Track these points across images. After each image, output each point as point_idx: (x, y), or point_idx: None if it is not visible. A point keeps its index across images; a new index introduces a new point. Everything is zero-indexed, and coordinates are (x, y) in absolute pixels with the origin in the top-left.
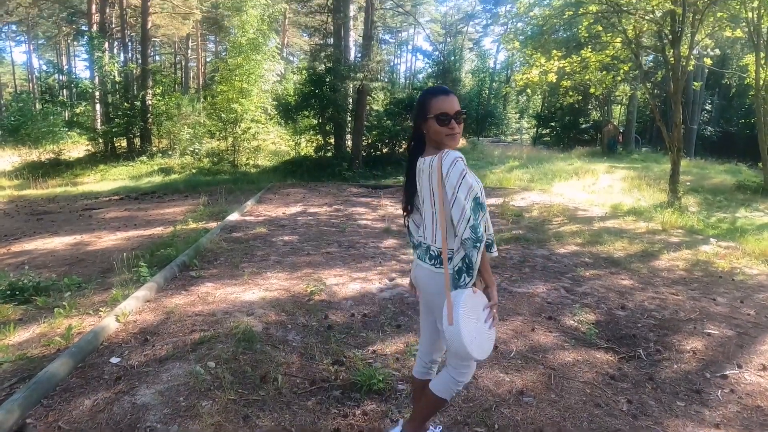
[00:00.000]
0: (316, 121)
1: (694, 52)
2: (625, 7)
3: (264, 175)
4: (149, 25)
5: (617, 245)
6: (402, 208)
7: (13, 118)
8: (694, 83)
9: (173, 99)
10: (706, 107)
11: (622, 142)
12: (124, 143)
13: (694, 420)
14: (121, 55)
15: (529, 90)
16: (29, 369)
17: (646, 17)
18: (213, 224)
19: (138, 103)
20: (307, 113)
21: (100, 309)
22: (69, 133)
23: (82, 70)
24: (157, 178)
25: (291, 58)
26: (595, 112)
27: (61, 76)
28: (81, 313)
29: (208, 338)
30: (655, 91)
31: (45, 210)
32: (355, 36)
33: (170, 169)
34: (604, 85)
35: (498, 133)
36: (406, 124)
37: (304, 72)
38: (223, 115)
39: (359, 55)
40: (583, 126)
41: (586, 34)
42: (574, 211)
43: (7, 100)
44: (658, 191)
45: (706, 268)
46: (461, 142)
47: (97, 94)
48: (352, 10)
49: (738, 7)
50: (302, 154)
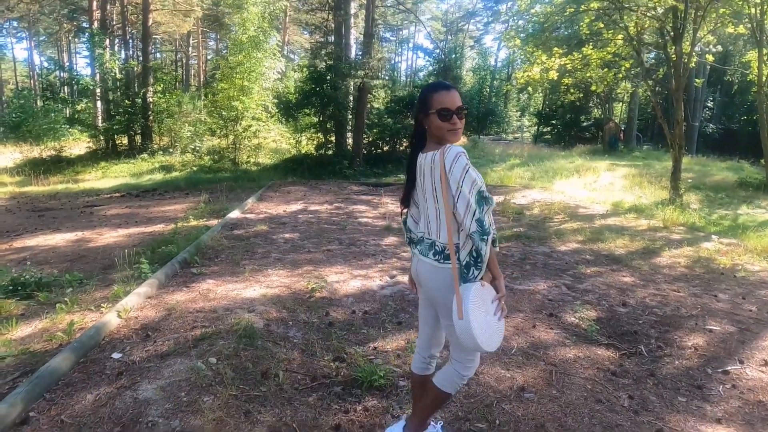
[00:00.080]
0: (316, 119)
1: (696, 48)
2: (627, 4)
3: (265, 173)
4: (150, 22)
5: (618, 242)
6: (400, 201)
7: (14, 115)
8: (696, 80)
9: (174, 96)
10: (708, 104)
11: (623, 140)
12: (125, 140)
13: (696, 415)
14: (122, 53)
15: (530, 88)
16: (32, 363)
17: (648, 14)
18: (214, 222)
19: (139, 101)
20: (307, 111)
21: (102, 305)
22: (70, 130)
23: (83, 67)
24: (158, 176)
25: (292, 56)
26: (596, 110)
27: (62, 73)
28: (83, 308)
29: (210, 334)
30: (657, 89)
31: (46, 207)
32: (356, 34)
33: (171, 167)
34: (606, 83)
35: (499, 131)
36: (407, 122)
37: (305, 70)
38: (224, 113)
39: (360, 53)
40: (585, 124)
41: (588, 31)
42: (575, 208)
43: (9, 97)
44: (659, 188)
45: (708, 265)
46: (462, 140)
47: (98, 91)
48: (353, 7)
49: (740, 4)
50: (303, 152)
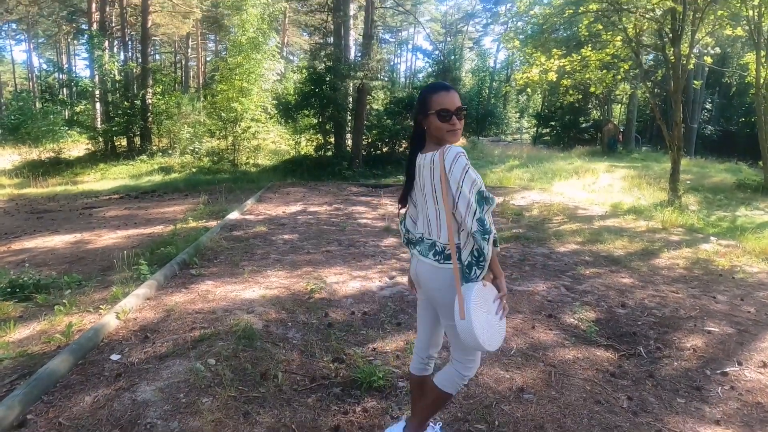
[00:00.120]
0: (316, 120)
1: (695, 50)
2: (626, 6)
3: (264, 174)
4: (149, 23)
5: (617, 244)
6: (398, 200)
7: (13, 117)
8: (695, 82)
9: (173, 98)
10: (707, 106)
11: (622, 141)
12: (124, 142)
13: (695, 416)
14: (121, 54)
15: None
16: (29, 366)
17: (647, 15)
18: (213, 223)
19: (138, 102)
20: (307, 112)
21: (101, 306)
22: (69, 131)
23: (82, 68)
24: (157, 177)
25: (291, 57)
26: (595, 112)
27: (61, 75)
28: (81, 310)
29: (209, 336)
30: (656, 90)
31: (45, 208)
32: (355, 35)
33: (170, 168)
34: (605, 84)
35: (498, 133)
36: (406, 124)
37: (304, 71)
38: (223, 114)
39: (359, 54)
40: (584, 125)
41: (587, 33)
42: (574, 209)
43: (7, 99)
44: (658, 190)
45: (707, 267)
46: (461, 141)
47: (97, 92)
48: (352, 9)
49: (738, 6)
50: (302, 153)
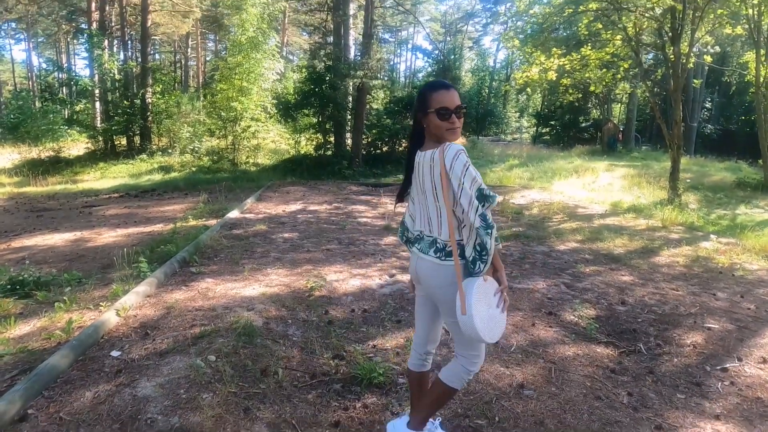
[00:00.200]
0: (315, 120)
1: (694, 49)
2: (625, 5)
3: (264, 174)
4: (149, 23)
5: (617, 242)
6: (396, 196)
7: (12, 116)
8: (694, 81)
9: (173, 97)
10: (706, 105)
11: (622, 140)
12: (124, 141)
13: (695, 412)
14: (121, 53)
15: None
16: (30, 361)
17: (647, 14)
18: (213, 221)
19: (138, 102)
20: (306, 112)
21: (101, 304)
22: (69, 130)
23: (81, 68)
24: (157, 176)
25: (291, 57)
26: (595, 111)
27: (60, 74)
28: (81, 307)
29: (209, 332)
30: (655, 89)
31: (45, 207)
32: (354, 34)
33: (170, 167)
34: (604, 83)
35: (498, 132)
36: (406, 123)
37: (304, 70)
38: (222, 114)
39: (359, 54)
40: (583, 124)
41: (586, 32)
42: (574, 208)
43: (7, 98)
44: (658, 189)
45: (706, 264)
46: (461, 140)
47: (97, 92)
48: (352, 8)
49: (738, 4)
50: (302, 152)
